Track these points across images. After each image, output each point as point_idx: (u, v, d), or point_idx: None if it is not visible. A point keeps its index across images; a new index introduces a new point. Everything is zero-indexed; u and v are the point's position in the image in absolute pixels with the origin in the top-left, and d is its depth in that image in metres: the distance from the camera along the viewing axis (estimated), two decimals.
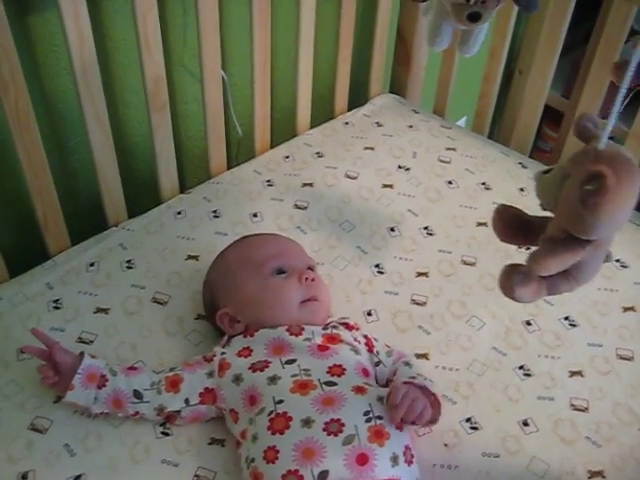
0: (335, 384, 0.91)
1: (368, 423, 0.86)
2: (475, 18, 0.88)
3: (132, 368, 0.99)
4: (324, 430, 0.85)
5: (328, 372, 0.93)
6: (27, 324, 1.07)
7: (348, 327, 1.03)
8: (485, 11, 0.89)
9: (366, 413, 0.87)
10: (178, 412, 0.95)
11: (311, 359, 0.95)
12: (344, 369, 0.93)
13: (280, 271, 1.03)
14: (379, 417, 0.87)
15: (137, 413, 0.94)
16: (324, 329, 1.00)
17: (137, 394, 0.94)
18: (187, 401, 0.95)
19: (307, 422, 0.86)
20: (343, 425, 0.85)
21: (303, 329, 0.99)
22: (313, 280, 1.03)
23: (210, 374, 0.97)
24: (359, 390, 0.90)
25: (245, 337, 1.00)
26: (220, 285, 1.06)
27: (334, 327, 1.02)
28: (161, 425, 0.97)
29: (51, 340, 0.97)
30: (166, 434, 0.96)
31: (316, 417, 0.86)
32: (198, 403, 0.95)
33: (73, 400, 0.93)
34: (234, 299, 1.03)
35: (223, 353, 0.99)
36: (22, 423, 0.95)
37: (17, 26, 1.02)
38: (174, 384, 0.95)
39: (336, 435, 0.85)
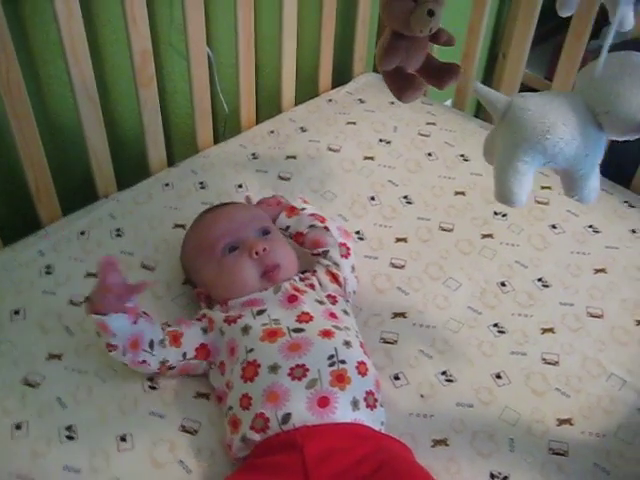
0: (303, 330, 0.95)
1: (331, 367, 0.90)
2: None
3: (147, 314, 0.98)
4: (289, 375, 0.89)
5: (297, 320, 0.97)
6: (20, 288, 1.12)
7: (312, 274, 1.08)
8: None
9: (330, 357, 0.91)
10: (173, 367, 0.98)
11: (281, 309, 0.99)
12: (312, 317, 0.98)
13: (232, 248, 1.04)
14: (342, 361, 0.91)
15: (144, 362, 0.95)
16: (292, 280, 1.05)
17: (151, 345, 0.95)
18: (184, 355, 0.98)
19: (274, 368, 0.90)
20: (307, 370, 0.89)
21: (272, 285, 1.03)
22: (265, 250, 1.03)
23: (205, 330, 1.00)
24: (326, 334, 0.95)
25: (222, 307, 1.03)
26: (188, 267, 1.11)
27: (303, 278, 1.07)
28: (148, 379, 1.01)
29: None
30: (153, 388, 1.00)
31: (282, 363, 0.90)
32: (193, 357, 0.98)
33: (109, 323, 0.90)
34: (201, 281, 1.07)
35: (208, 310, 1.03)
36: (16, 378, 1.00)
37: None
38: (176, 339, 0.97)
39: (300, 380, 0.89)
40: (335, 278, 1.07)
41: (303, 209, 1.16)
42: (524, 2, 1.50)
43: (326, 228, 1.12)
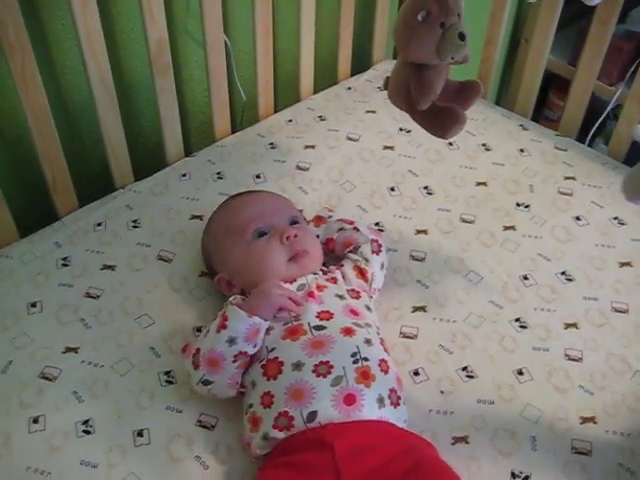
0: (324, 327, 0.94)
1: (355, 364, 0.89)
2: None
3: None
4: (313, 372, 0.88)
5: (317, 316, 0.95)
6: (36, 280, 1.11)
7: (338, 268, 1.07)
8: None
9: (353, 354, 0.90)
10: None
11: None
12: (332, 314, 0.96)
13: (261, 233, 1.04)
14: (365, 359, 0.90)
15: (237, 384, 0.94)
16: (316, 274, 1.04)
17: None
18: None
19: (297, 366, 0.89)
20: (332, 367, 0.88)
21: (295, 279, 1.02)
22: (296, 236, 1.03)
23: None
24: (347, 332, 0.93)
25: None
26: (212, 252, 1.09)
27: (325, 272, 1.06)
28: (165, 374, 1.00)
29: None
30: (170, 382, 1.00)
31: (306, 360, 0.89)
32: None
33: (255, 324, 0.92)
34: (226, 265, 1.05)
35: None
36: (33, 372, 1.00)
37: None
38: None
39: (325, 377, 0.87)
40: (362, 274, 1.06)
41: (330, 217, 1.15)
42: None
43: (355, 229, 1.11)
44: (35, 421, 0.94)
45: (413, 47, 0.87)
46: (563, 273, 1.17)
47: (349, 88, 1.55)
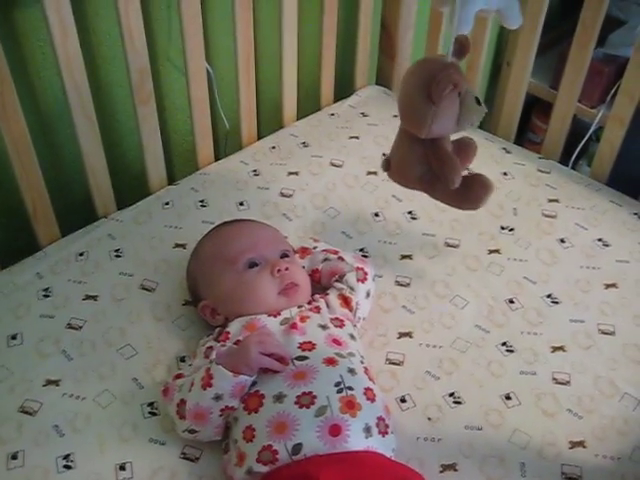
0: (306, 358, 0.92)
1: (339, 394, 0.87)
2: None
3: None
4: (296, 403, 0.86)
5: (299, 347, 0.94)
6: (17, 312, 1.10)
7: (322, 296, 1.06)
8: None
9: (337, 384, 0.88)
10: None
11: (282, 338, 0.96)
12: (314, 345, 0.95)
13: (253, 264, 1.03)
14: (350, 388, 0.88)
15: (218, 429, 0.92)
16: (301, 307, 1.03)
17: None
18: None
19: (279, 397, 0.87)
20: (315, 397, 0.86)
21: (280, 313, 1.01)
22: (287, 269, 1.02)
23: None
24: (330, 362, 0.92)
25: (221, 337, 1.00)
26: (199, 278, 1.08)
27: (310, 301, 1.05)
28: (149, 405, 0.98)
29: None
30: (153, 414, 0.98)
31: (288, 392, 0.87)
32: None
33: (241, 382, 0.89)
34: (212, 293, 1.04)
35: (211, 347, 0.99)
36: (12, 406, 0.97)
37: (1, 20, 1.04)
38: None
39: (308, 407, 0.86)
40: (347, 302, 1.05)
41: (315, 247, 1.14)
42: (528, 10, 1.47)
43: (340, 258, 1.10)
44: (14, 457, 0.92)
45: (437, 123, 0.83)
46: (549, 296, 1.16)
47: (332, 114, 1.56)
